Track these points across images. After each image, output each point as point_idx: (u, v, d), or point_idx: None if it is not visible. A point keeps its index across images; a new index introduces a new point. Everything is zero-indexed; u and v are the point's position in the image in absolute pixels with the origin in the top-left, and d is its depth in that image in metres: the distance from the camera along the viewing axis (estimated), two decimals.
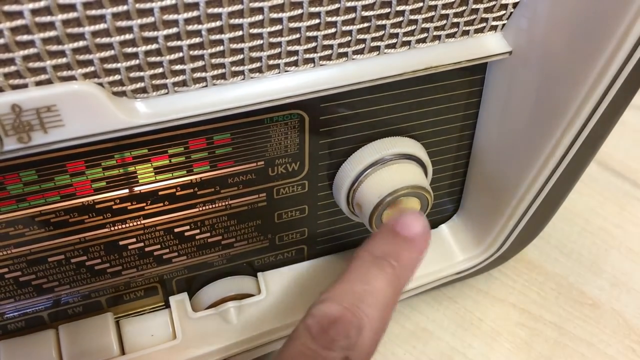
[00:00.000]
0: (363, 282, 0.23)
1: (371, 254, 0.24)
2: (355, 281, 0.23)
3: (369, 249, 0.24)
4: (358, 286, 0.23)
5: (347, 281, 0.23)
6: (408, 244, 0.24)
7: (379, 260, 0.24)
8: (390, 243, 0.24)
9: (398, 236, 0.25)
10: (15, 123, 0.20)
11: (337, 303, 0.22)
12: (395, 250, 0.24)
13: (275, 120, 0.26)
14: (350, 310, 0.22)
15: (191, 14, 0.19)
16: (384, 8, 0.22)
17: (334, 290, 0.23)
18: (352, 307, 0.22)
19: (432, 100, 0.28)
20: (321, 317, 0.22)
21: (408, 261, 0.24)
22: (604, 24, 0.22)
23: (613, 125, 0.28)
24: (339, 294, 0.23)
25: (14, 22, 0.17)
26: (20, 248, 0.26)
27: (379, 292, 0.23)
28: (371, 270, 0.23)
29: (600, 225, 0.45)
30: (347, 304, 0.22)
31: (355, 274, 0.24)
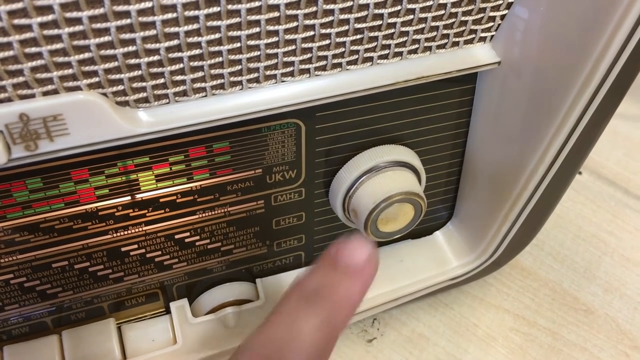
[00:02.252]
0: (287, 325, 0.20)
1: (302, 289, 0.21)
2: (279, 326, 0.20)
3: (301, 283, 0.21)
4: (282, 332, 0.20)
5: (270, 326, 0.20)
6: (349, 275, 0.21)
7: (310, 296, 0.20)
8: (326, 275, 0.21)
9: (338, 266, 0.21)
10: (23, 132, 0.20)
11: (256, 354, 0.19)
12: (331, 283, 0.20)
13: (272, 129, 0.27)
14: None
15: (191, 26, 0.20)
16: (376, 20, 0.23)
17: (254, 339, 0.20)
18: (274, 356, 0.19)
19: (424, 109, 0.29)
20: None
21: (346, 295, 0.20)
22: (588, 36, 0.23)
23: (600, 132, 0.29)
24: (260, 343, 0.20)
25: (22, 34, 0.18)
26: (25, 254, 0.27)
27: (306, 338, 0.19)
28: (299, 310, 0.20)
29: (594, 232, 0.46)
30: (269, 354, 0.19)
31: (280, 317, 0.20)
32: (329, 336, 0.20)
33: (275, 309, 0.20)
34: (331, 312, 0.20)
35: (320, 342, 0.20)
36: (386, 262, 0.36)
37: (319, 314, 0.20)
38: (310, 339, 0.19)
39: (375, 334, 0.39)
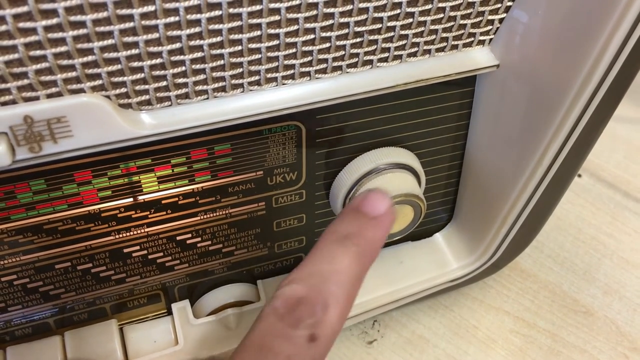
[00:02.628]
0: (328, 261, 0.23)
1: (335, 234, 0.24)
2: (320, 261, 0.23)
3: (333, 230, 0.24)
4: (323, 266, 0.23)
5: (312, 262, 0.23)
6: (372, 223, 0.24)
7: (344, 240, 0.24)
8: (354, 222, 0.24)
9: (362, 216, 0.25)
10: (27, 133, 0.21)
11: (302, 284, 0.23)
12: (359, 229, 0.24)
13: (273, 131, 0.27)
14: (315, 290, 0.22)
15: (193, 30, 0.20)
16: (376, 24, 0.23)
17: (299, 271, 0.23)
18: (317, 286, 0.23)
19: (424, 111, 0.29)
20: (287, 298, 0.22)
21: (372, 239, 0.24)
22: (585, 39, 0.24)
23: (598, 135, 0.29)
24: (304, 275, 0.23)
25: (27, 38, 0.19)
26: (29, 255, 0.27)
27: (343, 271, 0.23)
28: (336, 249, 0.24)
29: (593, 234, 0.46)
30: (312, 283, 0.23)
31: (320, 255, 0.24)
32: (360, 272, 0.24)
33: (315, 247, 0.24)
34: (361, 252, 0.24)
35: (353, 277, 0.23)
36: (386, 263, 0.36)
37: (352, 252, 0.23)
38: (348, 272, 0.23)
39: (375, 336, 0.39)
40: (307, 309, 0.22)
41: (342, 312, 0.23)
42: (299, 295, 0.22)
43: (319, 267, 0.23)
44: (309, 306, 0.22)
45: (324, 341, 0.22)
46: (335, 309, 0.22)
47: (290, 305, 0.22)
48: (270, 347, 0.21)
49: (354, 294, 0.24)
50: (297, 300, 0.22)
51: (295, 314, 0.22)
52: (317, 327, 0.22)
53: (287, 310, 0.22)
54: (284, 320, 0.22)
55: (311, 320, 0.22)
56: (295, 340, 0.21)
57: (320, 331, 0.22)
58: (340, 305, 0.23)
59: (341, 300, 0.23)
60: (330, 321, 0.22)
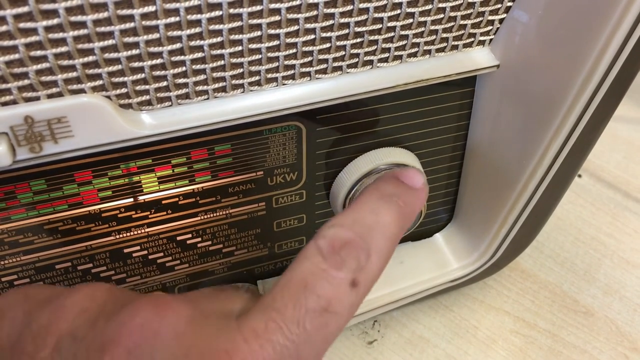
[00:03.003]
0: (373, 213, 0.24)
1: (379, 191, 0.25)
2: (365, 211, 0.24)
3: (378, 188, 0.25)
4: (367, 216, 0.23)
5: (357, 211, 0.24)
6: (412, 192, 0.25)
7: (388, 197, 0.24)
8: (397, 187, 0.25)
9: (403, 183, 0.25)
10: (28, 134, 0.21)
11: (347, 228, 0.23)
12: (402, 193, 0.25)
13: (273, 132, 0.27)
14: (360, 236, 0.23)
15: (194, 30, 0.21)
16: (376, 24, 0.23)
17: (344, 217, 0.23)
18: (362, 233, 0.23)
19: (424, 112, 0.29)
20: (332, 239, 0.22)
21: (413, 203, 0.25)
22: (585, 39, 0.24)
23: (598, 135, 0.29)
24: (350, 221, 0.23)
25: (28, 38, 0.19)
26: (29, 255, 0.27)
27: (386, 224, 0.23)
28: (380, 204, 0.24)
29: (593, 235, 0.46)
30: (357, 230, 0.23)
31: (365, 206, 0.24)
32: (399, 230, 0.24)
33: (359, 200, 0.24)
34: (403, 212, 0.24)
35: (394, 233, 0.24)
36: None
37: (395, 210, 0.24)
38: (390, 227, 0.23)
39: (375, 336, 0.39)
40: (352, 253, 0.22)
41: (382, 264, 0.23)
42: (344, 239, 0.22)
43: (364, 216, 0.23)
44: (354, 250, 0.22)
45: (363, 289, 0.22)
46: (377, 258, 0.22)
47: (335, 247, 0.22)
48: (313, 287, 0.21)
49: (392, 251, 0.24)
50: (343, 243, 0.22)
51: (340, 256, 0.22)
52: (360, 272, 0.22)
53: (331, 251, 0.22)
54: (328, 261, 0.22)
55: (355, 265, 0.22)
56: (338, 282, 0.21)
57: (362, 277, 0.22)
58: (382, 256, 0.23)
59: (383, 251, 0.23)
60: (372, 269, 0.22)
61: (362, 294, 0.22)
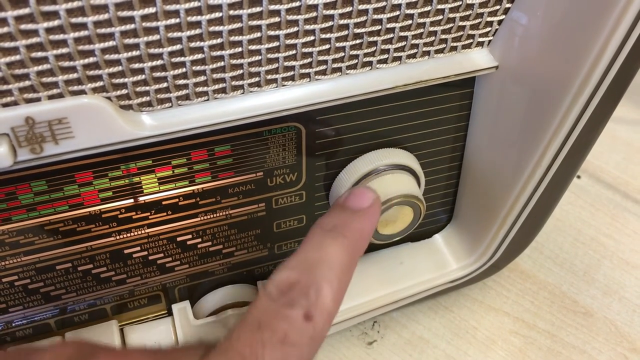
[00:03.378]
0: (317, 249, 0.24)
1: (322, 227, 0.25)
2: (310, 250, 0.24)
3: (320, 224, 0.25)
4: (313, 254, 0.24)
5: (303, 252, 0.24)
6: (358, 215, 0.25)
7: (331, 232, 0.25)
8: (339, 216, 0.25)
9: (347, 209, 0.26)
10: (29, 135, 0.21)
11: (293, 270, 0.23)
12: (345, 222, 0.25)
13: (273, 133, 0.27)
14: (307, 275, 0.23)
15: (194, 31, 0.21)
16: (375, 26, 0.24)
17: (290, 260, 0.24)
18: (308, 271, 0.23)
19: (423, 113, 0.30)
20: (279, 283, 0.23)
21: (359, 230, 0.25)
22: (583, 40, 0.24)
23: (596, 136, 0.29)
24: (296, 263, 0.24)
25: (29, 39, 0.19)
26: (30, 256, 0.27)
27: (333, 257, 0.24)
28: (324, 240, 0.24)
29: (592, 235, 0.46)
30: (304, 269, 0.23)
31: (309, 245, 0.24)
32: (350, 259, 0.24)
33: (305, 239, 0.25)
34: (349, 242, 0.25)
35: (344, 263, 0.24)
36: (386, 264, 0.36)
37: (341, 241, 0.24)
38: (337, 259, 0.24)
39: (375, 337, 0.39)
40: (300, 291, 0.22)
41: (336, 296, 0.23)
42: (292, 280, 0.23)
43: (309, 255, 0.24)
44: (302, 289, 0.22)
45: (320, 322, 0.22)
46: (328, 291, 0.23)
47: (283, 290, 0.22)
48: (267, 325, 0.21)
49: (346, 281, 0.24)
50: (290, 284, 0.23)
51: (289, 296, 0.22)
52: (312, 307, 0.22)
53: (280, 294, 0.22)
54: (278, 302, 0.22)
55: (305, 301, 0.22)
56: (292, 319, 0.22)
57: (316, 312, 0.22)
58: (333, 288, 0.23)
59: (334, 283, 0.23)
60: (325, 303, 0.22)
61: (321, 326, 0.22)
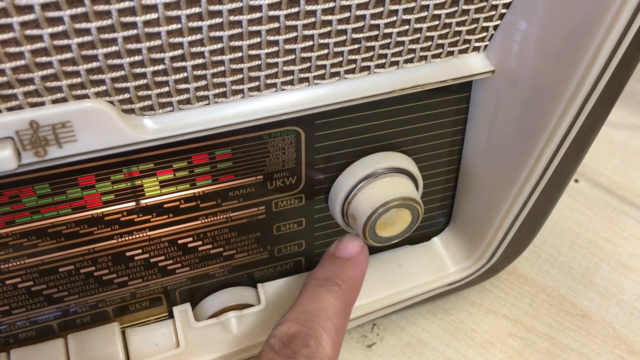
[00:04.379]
0: (314, 301, 0.27)
1: (316, 279, 0.28)
2: (307, 302, 0.27)
3: (314, 276, 0.28)
4: (310, 305, 0.27)
5: (300, 304, 0.27)
6: (348, 264, 0.29)
7: (324, 282, 0.28)
8: (331, 267, 0.28)
9: (338, 259, 0.29)
10: (33, 138, 0.21)
11: (293, 322, 0.26)
12: (336, 272, 0.28)
13: (273, 136, 0.27)
14: (306, 326, 0.25)
15: (195, 37, 0.21)
16: (373, 31, 0.24)
17: (290, 313, 0.27)
18: (307, 322, 0.26)
19: (421, 117, 0.30)
20: (281, 336, 0.25)
21: (351, 278, 0.28)
22: (577, 45, 0.24)
23: (591, 140, 0.29)
24: (295, 315, 0.26)
25: (34, 44, 0.19)
26: (33, 258, 0.27)
27: (329, 307, 0.26)
28: (319, 291, 0.27)
29: (590, 239, 0.46)
30: (303, 321, 0.26)
31: (306, 297, 0.27)
32: (344, 306, 0.27)
33: (301, 292, 0.28)
34: (342, 290, 0.27)
35: (339, 311, 0.27)
36: (385, 267, 0.37)
37: (335, 291, 0.27)
38: (332, 308, 0.27)
39: (374, 339, 0.39)
40: (301, 342, 0.25)
41: (334, 342, 0.26)
42: (292, 332, 0.25)
43: (307, 307, 0.27)
44: (303, 339, 0.25)
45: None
46: (327, 339, 0.25)
47: (284, 342, 0.25)
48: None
49: (342, 327, 0.27)
50: (290, 336, 0.25)
51: (291, 348, 0.25)
52: (313, 356, 0.24)
53: (282, 346, 0.25)
54: (281, 354, 0.24)
55: (306, 352, 0.24)
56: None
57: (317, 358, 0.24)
58: (332, 335, 0.26)
59: (332, 331, 0.26)
60: (325, 350, 0.25)
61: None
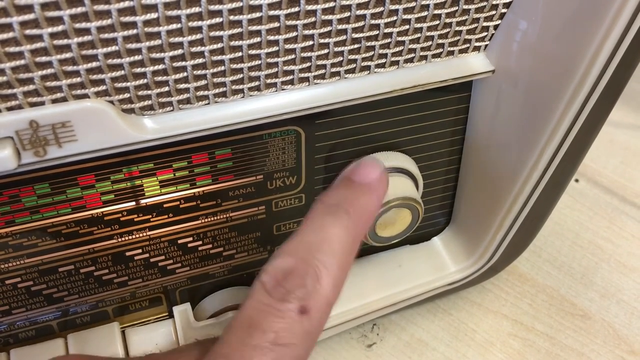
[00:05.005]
0: (317, 231, 0.22)
1: (324, 203, 0.23)
2: (309, 232, 0.22)
3: (323, 200, 0.24)
4: (312, 236, 0.22)
5: (301, 234, 0.23)
6: (364, 189, 0.24)
7: (333, 208, 0.23)
8: (344, 190, 0.24)
9: (354, 184, 0.24)
10: (33, 138, 0.21)
11: (290, 255, 0.22)
12: (349, 197, 0.23)
13: (273, 136, 0.27)
14: (304, 261, 0.21)
15: (195, 36, 0.21)
16: (373, 30, 0.24)
17: (287, 244, 0.22)
18: (306, 257, 0.22)
19: (421, 116, 0.30)
20: (275, 272, 0.21)
21: (364, 207, 0.23)
22: (577, 45, 0.24)
23: (592, 139, 0.29)
24: (293, 247, 0.22)
25: (34, 44, 0.19)
26: (33, 258, 0.27)
27: (334, 239, 0.22)
28: (325, 218, 0.23)
29: (590, 239, 0.46)
30: (301, 255, 0.22)
31: (308, 226, 0.23)
32: (352, 240, 0.23)
33: (304, 221, 0.23)
34: (353, 220, 0.23)
35: (346, 245, 0.22)
36: (385, 267, 0.37)
37: (343, 220, 0.23)
38: (338, 241, 0.22)
39: (374, 339, 0.39)
40: (296, 280, 0.21)
41: (336, 282, 0.22)
42: (287, 267, 0.21)
43: (308, 237, 0.22)
44: (298, 277, 0.21)
45: (317, 313, 0.21)
46: (327, 278, 0.21)
47: (278, 278, 0.21)
48: (258, 324, 0.20)
49: (347, 263, 0.23)
50: (285, 272, 0.21)
51: (284, 287, 0.21)
52: (309, 298, 0.21)
53: (275, 284, 0.21)
54: (273, 295, 0.21)
55: (301, 292, 0.21)
56: (285, 314, 0.21)
57: (313, 302, 0.21)
58: (333, 274, 0.22)
59: (333, 269, 0.22)
60: (323, 291, 0.21)
61: (318, 318, 0.21)
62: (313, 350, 0.22)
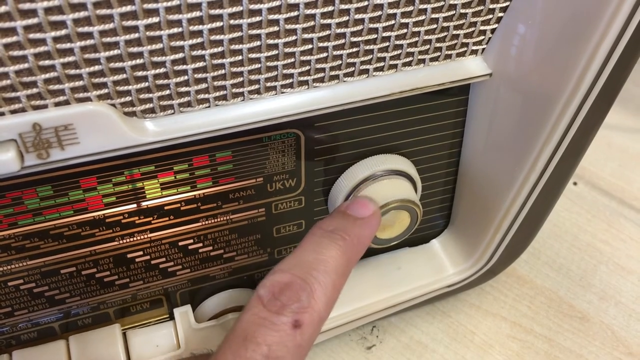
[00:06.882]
0: (314, 252, 0.24)
1: (322, 229, 0.25)
2: (306, 252, 0.24)
3: (321, 226, 0.26)
4: (309, 256, 0.24)
5: (298, 253, 0.24)
6: (359, 222, 0.26)
7: (330, 233, 0.25)
8: (341, 220, 0.26)
9: (349, 216, 0.26)
10: (36, 140, 0.21)
11: (286, 272, 0.23)
12: (346, 226, 0.25)
13: (273, 139, 0.28)
14: (300, 277, 0.23)
15: (195, 40, 0.21)
16: (371, 34, 0.24)
17: (285, 262, 0.24)
18: (302, 274, 0.23)
19: (419, 119, 0.30)
20: (272, 286, 0.23)
21: (359, 235, 0.25)
22: (572, 49, 0.24)
23: (589, 142, 0.29)
24: (290, 265, 0.24)
25: (37, 48, 0.19)
26: (35, 260, 0.27)
27: (330, 260, 0.24)
28: (322, 241, 0.24)
29: (589, 241, 0.47)
30: (298, 271, 0.23)
31: (306, 247, 0.24)
32: (346, 263, 0.24)
33: (301, 242, 0.25)
34: (348, 245, 0.25)
35: (340, 267, 0.24)
36: (384, 269, 0.37)
37: (339, 244, 0.24)
38: (333, 262, 0.24)
39: (374, 341, 0.39)
40: (291, 295, 0.22)
41: (329, 300, 0.23)
42: (284, 282, 0.23)
43: (305, 257, 0.24)
44: (294, 291, 0.22)
45: (309, 328, 0.22)
46: (321, 295, 0.23)
47: (274, 292, 0.22)
48: (252, 337, 0.21)
49: (340, 284, 0.24)
50: (282, 287, 0.23)
51: (280, 300, 0.22)
52: (303, 312, 0.22)
53: (271, 297, 0.22)
54: (268, 308, 0.22)
55: (296, 306, 0.22)
56: (279, 327, 0.22)
57: (306, 317, 0.22)
58: (327, 292, 0.23)
59: (328, 287, 0.23)
60: (317, 307, 0.22)
61: (310, 332, 0.22)
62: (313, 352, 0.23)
